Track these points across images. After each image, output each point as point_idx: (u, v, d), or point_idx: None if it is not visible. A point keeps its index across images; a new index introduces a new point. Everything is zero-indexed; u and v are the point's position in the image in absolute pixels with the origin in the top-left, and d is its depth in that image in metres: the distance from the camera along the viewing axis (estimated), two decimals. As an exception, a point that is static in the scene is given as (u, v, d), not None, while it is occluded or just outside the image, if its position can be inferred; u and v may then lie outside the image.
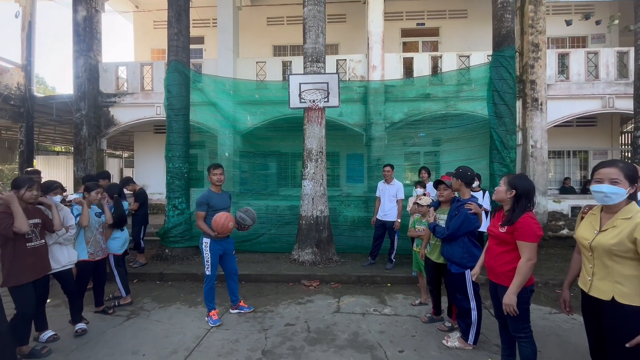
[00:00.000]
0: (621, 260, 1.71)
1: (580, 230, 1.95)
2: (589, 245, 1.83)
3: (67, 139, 14.57)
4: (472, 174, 2.96)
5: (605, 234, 1.79)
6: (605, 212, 1.84)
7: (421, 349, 2.96)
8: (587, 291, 1.87)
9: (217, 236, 3.40)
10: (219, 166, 3.62)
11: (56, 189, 3.11)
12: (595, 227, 1.86)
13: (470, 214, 2.80)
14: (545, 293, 4.33)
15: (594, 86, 7.94)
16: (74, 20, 8.21)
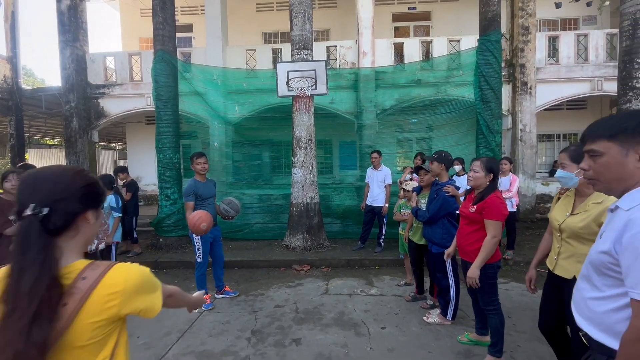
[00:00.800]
0: (587, 242, 1.78)
1: (553, 212, 2.04)
2: (558, 227, 1.93)
3: (59, 131, 14.44)
4: (451, 158, 3.06)
5: (576, 217, 1.87)
6: (578, 195, 1.91)
7: (403, 325, 3.12)
8: (552, 269, 1.98)
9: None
10: (202, 155, 3.65)
11: None
12: (567, 209, 1.94)
13: (448, 196, 2.91)
14: (526, 271, 4.43)
15: (583, 69, 7.97)
16: (57, 9, 8.05)
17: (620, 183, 0.98)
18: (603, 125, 1.01)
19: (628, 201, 0.96)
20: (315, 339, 2.92)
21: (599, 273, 1.00)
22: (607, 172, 0.99)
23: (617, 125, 0.97)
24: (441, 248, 2.95)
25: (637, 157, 0.94)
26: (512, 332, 2.90)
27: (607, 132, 0.98)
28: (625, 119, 0.97)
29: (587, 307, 1.04)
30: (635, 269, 0.86)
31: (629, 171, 0.96)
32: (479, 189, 2.35)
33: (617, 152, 0.96)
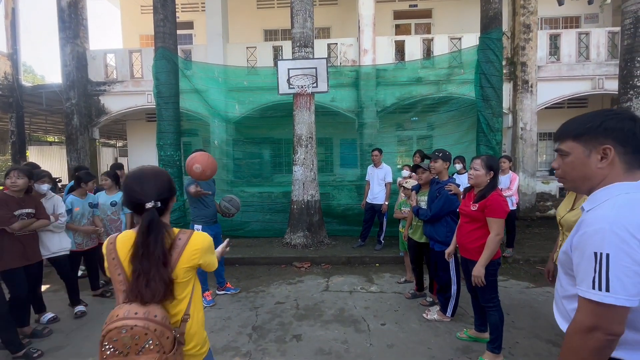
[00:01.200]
0: None
1: (559, 208, 2.15)
2: (559, 221, 2.05)
3: (60, 128, 14.45)
4: (449, 154, 3.09)
5: (573, 212, 1.97)
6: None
7: (402, 322, 3.14)
8: (554, 261, 2.08)
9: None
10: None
11: (44, 177, 3.18)
12: (569, 205, 2.05)
13: (450, 195, 2.93)
14: (525, 269, 4.53)
15: (584, 67, 7.96)
16: (58, 6, 8.04)
17: (585, 182, 1.00)
18: (571, 125, 1.02)
19: (590, 202, 0.98)
20: (316, 335, 2.95)
21: (564, 273, 1.03)
22: (572, 172, 1.01)
23: (582, 126, 0.98)
24: (444, 246, 2.97)
25: (598, 158, 0.95)
26: (510, 329, 2.92)
27: (573, 132, 1.00)
28: (591, 119, 0.98)
29: (561, 305, 1.07)
30: (581, 267, 0.89)
31: (591, 171, 0.97)
32: (479, 187, 2.37)
33: (580, 152, 0.98)
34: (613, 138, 0.94)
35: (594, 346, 0.86)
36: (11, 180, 2.77)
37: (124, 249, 1.19)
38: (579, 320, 0.89)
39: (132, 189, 1.21)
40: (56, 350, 2.78)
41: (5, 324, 2.57)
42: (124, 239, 1.21)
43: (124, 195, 1.25)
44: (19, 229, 2.75)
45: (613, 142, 0.93)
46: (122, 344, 1.04)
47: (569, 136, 1.01)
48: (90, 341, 2.91)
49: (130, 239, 1.19)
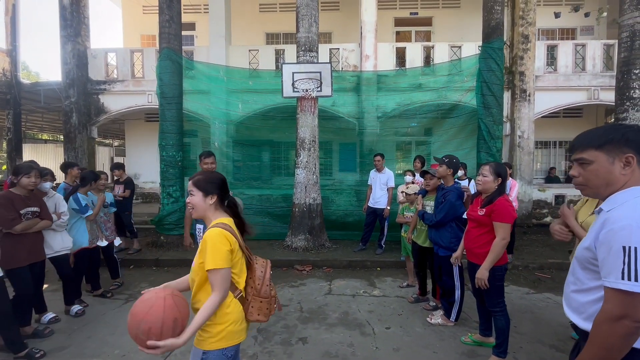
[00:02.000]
0: None
1: (580, 213, 2.22)
2: (580, 224, 2.10)
3: (56, 126, 14.30)
4: (458, 162, 3.13)
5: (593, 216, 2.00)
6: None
7: (407, 326, 3.16)
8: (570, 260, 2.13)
9: None
10: (211, 154, 3.73)
11: (46, 175, 3.16)
12: (591, 209, 2.11)
13: (455, 201, 2.97)
14: (524, 275, 4.59)
15: (580, 78, 8.15)
16: (60, 4, 7.99)
17: (607, 188, 1.09)
18: (591, 136, 1.11)
19: (609, 204, 1.07)
20: (321, 338, 2.95)
21: (582, 267, 1.10)
22: (595, 179, 1.09)
23: (604, 137, 1.08)
24: (449, 251, 3.00)
25: (621, 165, 1.05)
26: (514, 334, 2.95)
27: (596, 142, 1.09)
28: (611, 131, 1.08)
29: (573, 299, 1.15)
30: (608, 261, 0.97)
31: (614, 177, 1.07)
32: (487, 193, 2.41)
33: (604, 160, 1.07)
34: (634, 148, 1.05)
35: (623, 333, 0.93)
36: (31, 180, 2.77)
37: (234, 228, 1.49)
38: (608, 310, 0.96)
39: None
40: (58, 351, 2.74)
41: (7, 323, 2.53)
42: (231, 223, 1.49)
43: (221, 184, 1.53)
44: (20, 231, 2.72)
45: (634, 152, 1.05)
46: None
47: (590, 146, 1.10)
48: (93, 341, 2.88)
49: (231, 221, 1.50)
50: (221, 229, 1.42)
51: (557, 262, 4.86)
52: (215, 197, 1.49)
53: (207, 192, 1.49)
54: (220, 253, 1.37)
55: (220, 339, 1.41)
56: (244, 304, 1.49)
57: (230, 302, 1.44)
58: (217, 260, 1.36)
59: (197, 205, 1.49)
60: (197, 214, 1.51)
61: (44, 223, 2.92)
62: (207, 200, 1.48)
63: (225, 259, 1.38)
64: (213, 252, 1.36)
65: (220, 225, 1.43)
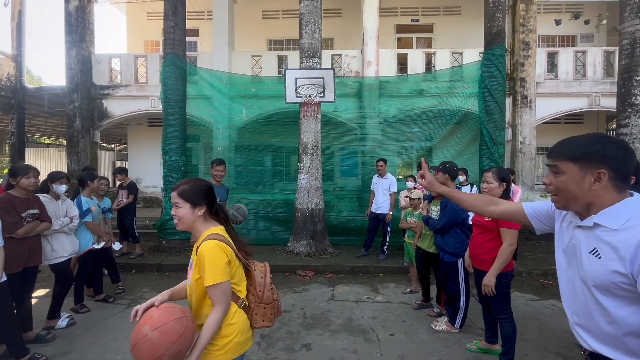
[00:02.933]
0: None
1: None
2: None
3: (58, 131, 14.38)
4: (457, 168, 3.14)
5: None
6: None
7: (411, 332, 3.14)
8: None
9: None
10: (222, 162, 3.85)
11: (62, 178, 3.17)
12: None
13: (457, 207, 2.97)
14: (528, 282, 4.56)
15: (581, 84, 8.19)
16: (65, 10, 8.10)
17: (576, 201, 1.07)
18: (569, 145, 1.08)
19: (611, 219, 1.01)
20: (325, 344, 2.93)
21: (609, 294, 1.00)
22: (565, 191, 1.08)
23: (582, 149, 1.04)
24: (454, 257, 2.99)
25: (592, 180, 1.02)
26: (519, 341, 2.92)
27: (571, 153, 1.06)
28: (590, 144, 1.04)
29: (606, 330, 1.03)
30: None
31: (582, 191, 1.04)
32: None
33: (576, 173, 1.05)
34: (608, 164, 1.02)
35: None
36: (31, 180, 2.74)
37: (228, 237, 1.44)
38: None
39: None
40: (61, 357, 2.72)
41: (10, 328, 2.52)
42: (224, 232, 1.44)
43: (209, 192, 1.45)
44: (23, 235, 2.69)
45: (607, 168, 1.02)
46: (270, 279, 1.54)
47: (566, 157, 1.08)
48: (96, 347, 2.86)
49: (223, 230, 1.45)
50: (216, 240, 1.35)
51: (560, 268, 4.83)
52: (204, 208, 1.41)
53: (195, 203, 1.39)
54: (218, 267, 1.31)
55: (227, 351, 1.36)
56: (248, 312, 1.45)
57: (235, 313, 1.40)
58: (215, 275, 1.30)
59: (184, 217, 1.39)
60: (184, 226, 1.40)
61: (44, 225, 2.87)
62: (195, 212, 1.39)
63: (224, 272, 1.32)
64: (211, 267, 1.30)
65: (214, 237, 1.36)
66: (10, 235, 2.62)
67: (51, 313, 3.15)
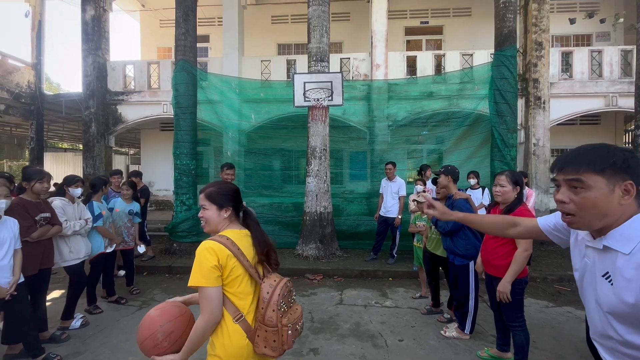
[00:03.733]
0: None
1: None
2: None
3: (75, 136, 14.83)
4: (458, 171, 3.13)
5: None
6: None
7: (420, 338, 3.09)
8: None
9: None
10: (232, 167, 3.92)
11: (77, 182, 3.26)
12: None
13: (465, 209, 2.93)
14: (543, 288, 4.43)
15: (597, 85, 7.97)
16: (82, 19, 8.38)
17: (603, 219, 0.93)
18: (588, 156, 0.94)
19: (622, 242, 0.90)
20: (333, 349, 2.91)
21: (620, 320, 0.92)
22: (592, 208, 0.92)
23: (607, 159, 0.91)
24: (465, 260, 2.94)
25: (620, 194, 0.91)
26: (533, 350, 2.84)
27: (596, 165, 0.92)
28: (612, 154, 0.93)
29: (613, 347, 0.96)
30: None
31: (612, 207, 0.91)
32: (506, 203, 2.36)
33: (604, 186, 0.91)
34: (632, 174, 0.91)
35: None
36: (44, 185, 2.81)
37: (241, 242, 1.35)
38: None
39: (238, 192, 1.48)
40: (74, 357, 2.79)
41: (28, 329, 2.60)
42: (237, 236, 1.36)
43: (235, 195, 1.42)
44: (37, 238, 2.75)
45: (633, 179, 0.91)
46: (287, 299, 1.35)
47: (589, 168, 0.92)
48: (108, 347, 2.92)
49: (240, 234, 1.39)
50: (212, 241, 1.28)
51: (577, 274, 4.69)
52: (230, 210, 1.39)
53: (222, 205, 1.38)
54: (201, 269, 1.23)
55: None
56: (250, 331, 1.30)
57: (231, 333, 1.27)
58: (196, 277, 1.23)
59: (211, 219, 1.37)
60: (210, 228, 1.39)
61: (56, 229, 2.92)
62: (221, 214, 1.38)
63: (207, 276, 1.23)
64: (194, 268, 1.25)
65: (216, 238, 1.30)
66: (25, 239, 2.69)
67: (65, 314, 3.23)
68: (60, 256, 3.08)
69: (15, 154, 16.10)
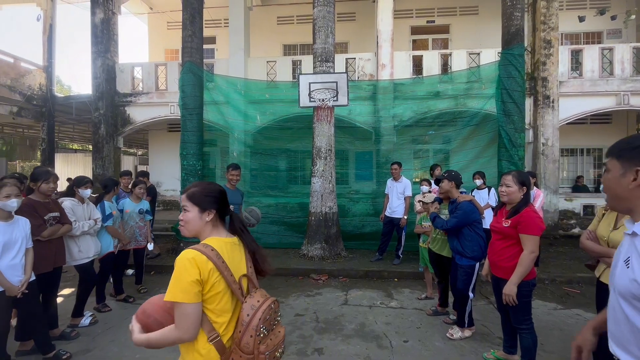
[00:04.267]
0: None
1: (599, 229, 2.14)
2: (606, 242, 2.04)
3: (85, 137, 15.09)
4: (458, 175, 3.14)
5: (618, 232, 1.96)
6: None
7: (425, 339, 3.07)
8: (598, 277, 2.12)
9: None
10: (237, 167, 3.95)
11: (87, 183, 3.33)
12: (610, 224, 2.04)
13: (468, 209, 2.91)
14: (551, 290, 4.37)
15: (608, 83, 7.81)
16: (92, 22, 8.53)
17: (620, 202, 1.01)
18: (621, 142, 1.04)
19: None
20: (338, 349, 2.91)
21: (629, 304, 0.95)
22: (608, 189, 1.04)
23: (626, 145, 1.00)
24: (473, 261, 2.92)
25: (631, 178, 0.96)
26: (540, 352, 2.79)
27: (617, 150, 1.02)
28: (636, 140, 1.00)
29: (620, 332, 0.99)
30: None
31: (622, 190, 0.99)
32: (512, 204, 2.33)
33: (617, 170, 1.00)
34: None
35: None
36: (50, 185, 2.87)
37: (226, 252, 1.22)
38: None
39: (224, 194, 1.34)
40: (83, 353, 2.84)
41: (39, 326, 2.66)
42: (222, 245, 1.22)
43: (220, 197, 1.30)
44: (48, 236, 2.81)
45: None
46: (270, 322, 1.21)
47: (612, 153, 1.04)
48: (116, 345, 2.97)
49: (225, 242, 1.25)
50: (195, 251, 1.15)
51: (587, 276, 4.59)
52: (212, 213, 1.26)
53: (204, 208, 1.25)
54: (180, 284, 1.11)
55: None
56: (224, 353, 1.17)
57: (201, 349, 1.15)
58: (174, 292, 1.11)
59: (191, 222, 1.24)
60: (190, 231, 1.25)
61: (66, 228, 2.98)
62: (203, 217, 1.25)
63: (186, 291, 1.10)
64: (173, 280, 1.13)
65: (199, 248, 1.16)
66: (37, 239, 2.75)
67: (75, 312, 3.30)
68: (70, 255, 3.14)
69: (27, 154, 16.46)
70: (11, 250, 2.41)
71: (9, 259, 2.39)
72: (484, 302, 3.89)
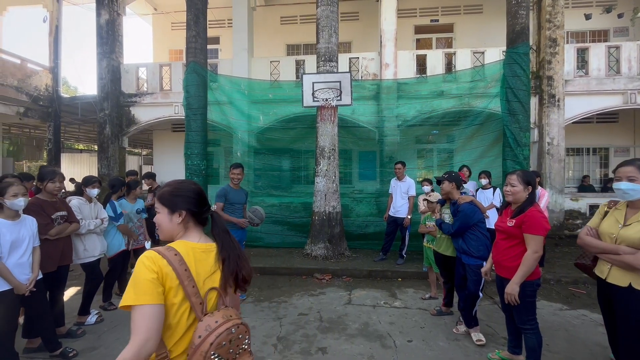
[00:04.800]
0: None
1: (604, 226, 2.08)
2: (614, 240, 1.99)
3: (90, 137, 15.23)
4: (458, 176, 3.12)
5: (629, 228, 1.93)
6: (631, 207, 1.98)
7: (429, 339, 3.06)
8: (605, 278, 2.05)
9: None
10: (239, 166, 3.97)
11: (94, 183, 3.36)
12: (619, 221, 2.00)
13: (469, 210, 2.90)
14: (557, 290, 4.33)
15: (614, 81, 7.72)
16: (97, 23, 8.60)
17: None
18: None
19: None
20: (341, 348, 2.91)
21: None
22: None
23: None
24: (480, 260, 2.90)
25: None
26: (545, 353, 2.78)
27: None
28: None
29: None
30: None
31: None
32: (517, 203, 2.32)
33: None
34: None
35: None
36: (56, 185, 2.90)
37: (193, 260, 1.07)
38: None
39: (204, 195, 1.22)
40: (89, 351, 2.87)
41: (46, 324, 2.69)
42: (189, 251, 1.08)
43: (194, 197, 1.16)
44: (55, 235, 2.84)
45: None
46: (227, 349, 1.01)
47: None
48: (121, 343, 2.99)
49: (194, 248, 1.10)
50: (155, 252, 1.03)
51: (593, 276, 4.56)
52: (182, 215, 1.12)
53: (173, 209, 1.13)
54: (138, 284, 0.98)
55: None
56: None
57: None
58: (129, 294, 0.97)
59: (161, 225, 1.14)
60: (163, 236, 1.16)
61: (74, 226, 3.01)
62: (173, 219, 1.13)
63: (145, 291, 0.96)
64: (130, 282, 0.99)
65: (160, 250, 1.05)
66: (45, 237, 2.78)
67: (82, 310, 3.33)
68: (76, 254, 3.18)
69: (33, 154, 16.65)
70: (19, 248, 2.44)
71: (17, 257, 2.42)
72: (489, 302, 3.87)
